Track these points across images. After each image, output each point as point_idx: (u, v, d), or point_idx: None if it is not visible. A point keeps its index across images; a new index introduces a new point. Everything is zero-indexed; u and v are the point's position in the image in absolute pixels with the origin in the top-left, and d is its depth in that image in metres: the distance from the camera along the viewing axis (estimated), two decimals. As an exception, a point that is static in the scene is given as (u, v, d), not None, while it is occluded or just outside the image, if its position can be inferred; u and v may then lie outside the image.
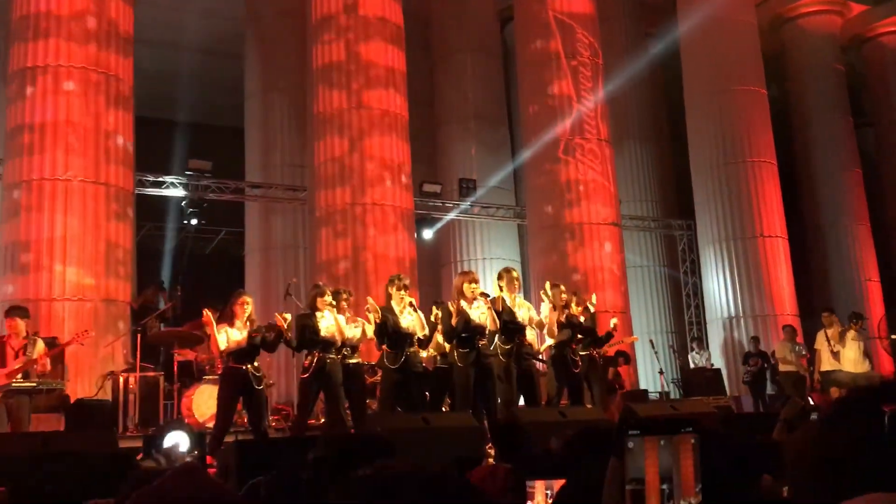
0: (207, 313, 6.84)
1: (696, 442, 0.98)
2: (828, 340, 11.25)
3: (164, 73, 17.25)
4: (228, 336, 6.86)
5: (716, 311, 14.75)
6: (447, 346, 7.86)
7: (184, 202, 12.75)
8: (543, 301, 8.21)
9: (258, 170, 14.62)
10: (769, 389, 12.94)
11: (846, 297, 17.27)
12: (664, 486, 0.97)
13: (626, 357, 12.01)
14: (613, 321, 9.21)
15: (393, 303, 7.39)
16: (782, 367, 11.87)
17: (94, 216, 9.57)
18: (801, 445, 1.00)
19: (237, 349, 6.85)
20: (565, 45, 13.27)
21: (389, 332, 7.25)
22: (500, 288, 7.87)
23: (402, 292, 7.40)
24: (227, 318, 6.99)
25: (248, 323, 6.94)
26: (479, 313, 7.36)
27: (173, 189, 12.65)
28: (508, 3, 15.31)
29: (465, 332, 7.28)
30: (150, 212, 14.34)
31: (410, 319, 7.35)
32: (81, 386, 8.93)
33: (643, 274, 16.93)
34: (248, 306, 6.96)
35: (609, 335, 8.97)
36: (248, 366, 6.86)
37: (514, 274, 8.02)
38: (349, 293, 7.83)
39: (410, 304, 7.39)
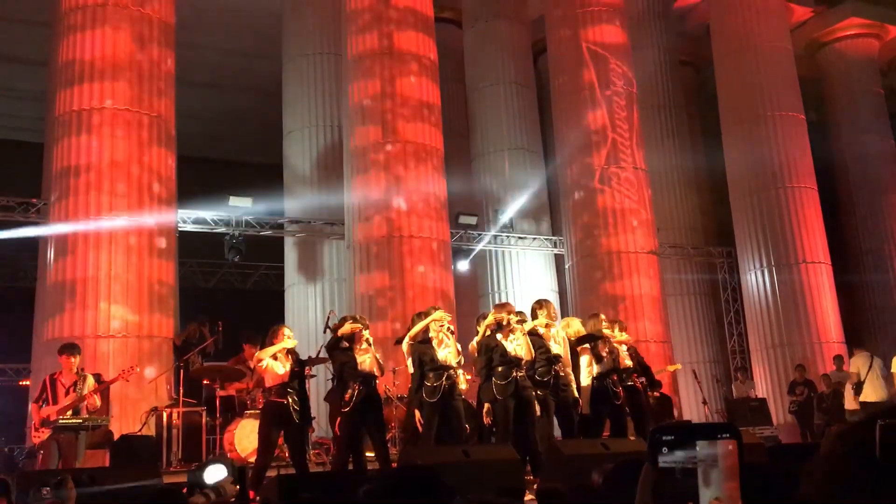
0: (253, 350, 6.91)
1: (734, 449, 0.97)
2: None
3: (205, 112, 17.62)
4: (272, 369, 6.90)
5: (759, 340, 14.51)
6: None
7: (225, 238, 12.95)
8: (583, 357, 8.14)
9: (297, 205, 14.81)
10: (816, 419, 12.64)
11: (888, 323, 16.91)
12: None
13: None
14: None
15: (431, 334, 7.39)
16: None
17: (138, 254, 9.75)
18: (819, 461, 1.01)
19: (279, 383, 6.89)
20: (599, 75, 13.30)
21: (427, 365, 7.26)
22: (536, 319, 7.85)
23: (442, 322, 7.41)
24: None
25: (289, 356, 6.98)
26: (516, 345, 7.33)
27: (214, 226, 12.86)
28: (541, 35, 15.42)
29: (501, 365, 7.25)
30: (191, 248, 14.57)
31: (447, 351, 7.35)
32: (125, 422, 9.04)
33: (684, 302, 16.74)
34: (290, 340, 7.00)
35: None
36: (289, 399, 6.88)
37: (551, 306, 8.00)
38: (365, 325, 7.76)
39: (449, 331, 7.39)
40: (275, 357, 6.93)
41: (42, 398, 7.17)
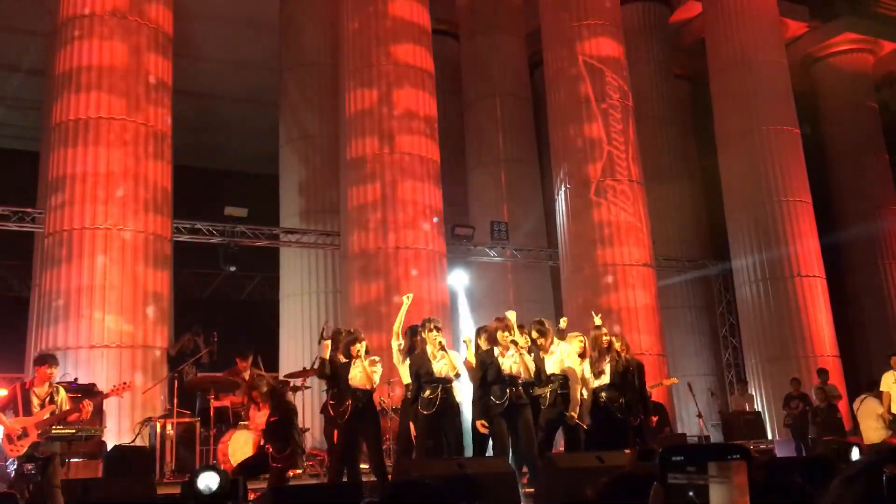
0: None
1: (744, 469, 0.97)
2: None
3: (202, 122, 17.62)
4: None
5: (754, 353, 14.51)
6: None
7: (220, 248, 12.93)
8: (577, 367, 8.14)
9: (292, 215, 14.79)
10: (810, 433, 12.63)
11: (883, 337, 16.96)
12: None
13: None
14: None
15: (428, 347, 7.37)
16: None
17: (133, 263, 9.72)
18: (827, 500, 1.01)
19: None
20: (595, 88, 13.35)
21: (423, 377, 7.24)
22: (526, 340, 7.85)
23: (434, 333, 7.39)
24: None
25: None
26: (512, 362, 7.30)
27: (209, 236, 12.84)
28: (538, 48, 15.47)
29: (497, 382, 7.23)
30: (186, 258, 14.54)
31: (443, 363, 7.33)
32: (119, 432, 9.00)
33: (679, 315, 16.74)
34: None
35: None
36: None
37: (546, 326, 7.99)
38: (360, 337, 7.83)
39: (440, 345, 7.35)
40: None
41: (10, 407, 6.75)
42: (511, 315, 7.65)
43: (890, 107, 20.46)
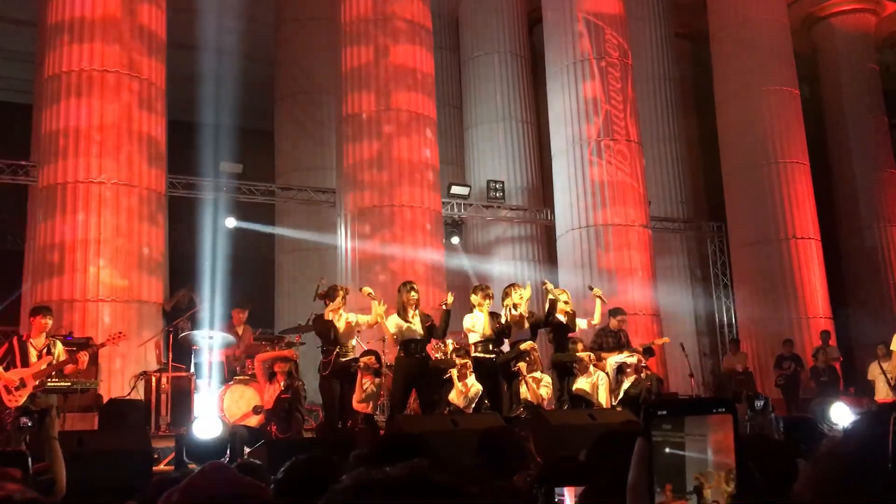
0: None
1: (729, 423, 0.97)
2: None
3: (196, 76, 17.41)
4: None
5: (747, 314, 14.58)
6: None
7: (218, 204, 12.92)
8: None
9: (288, 172, 14.73)
10: (802, 394, 12.76)
11: (876, 300, 17.04)
12: (694, 471, 0.96)
13: (651, 351, 11.83)
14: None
15: (408, 308, 7.70)
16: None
17: (128, 218, 9.69)
18: (824, 450, 1.02)
19: None
20: (594, 45, 13.21)
21: (403, 336, 7.60)
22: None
23: (412, 294, 7.76)
24: None
25: None
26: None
27: (205, 191, 12.79)
28: (537, 5, 15.27)
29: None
30: (181, 213, 14.49)
31: (418, 322, 7.71)
32: (114, 385, 9.05)
33: (673, 276, 16.76)
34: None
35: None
36: None
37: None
38: (345, 290, 8.13)
39: (415, 304, 7.72)
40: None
41: (5, 359, 6.80)
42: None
43: (891, 69, 20.28)
